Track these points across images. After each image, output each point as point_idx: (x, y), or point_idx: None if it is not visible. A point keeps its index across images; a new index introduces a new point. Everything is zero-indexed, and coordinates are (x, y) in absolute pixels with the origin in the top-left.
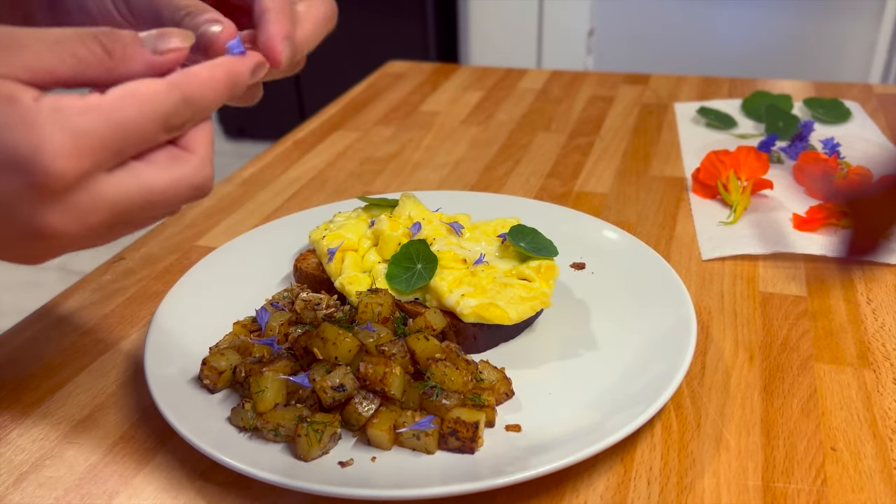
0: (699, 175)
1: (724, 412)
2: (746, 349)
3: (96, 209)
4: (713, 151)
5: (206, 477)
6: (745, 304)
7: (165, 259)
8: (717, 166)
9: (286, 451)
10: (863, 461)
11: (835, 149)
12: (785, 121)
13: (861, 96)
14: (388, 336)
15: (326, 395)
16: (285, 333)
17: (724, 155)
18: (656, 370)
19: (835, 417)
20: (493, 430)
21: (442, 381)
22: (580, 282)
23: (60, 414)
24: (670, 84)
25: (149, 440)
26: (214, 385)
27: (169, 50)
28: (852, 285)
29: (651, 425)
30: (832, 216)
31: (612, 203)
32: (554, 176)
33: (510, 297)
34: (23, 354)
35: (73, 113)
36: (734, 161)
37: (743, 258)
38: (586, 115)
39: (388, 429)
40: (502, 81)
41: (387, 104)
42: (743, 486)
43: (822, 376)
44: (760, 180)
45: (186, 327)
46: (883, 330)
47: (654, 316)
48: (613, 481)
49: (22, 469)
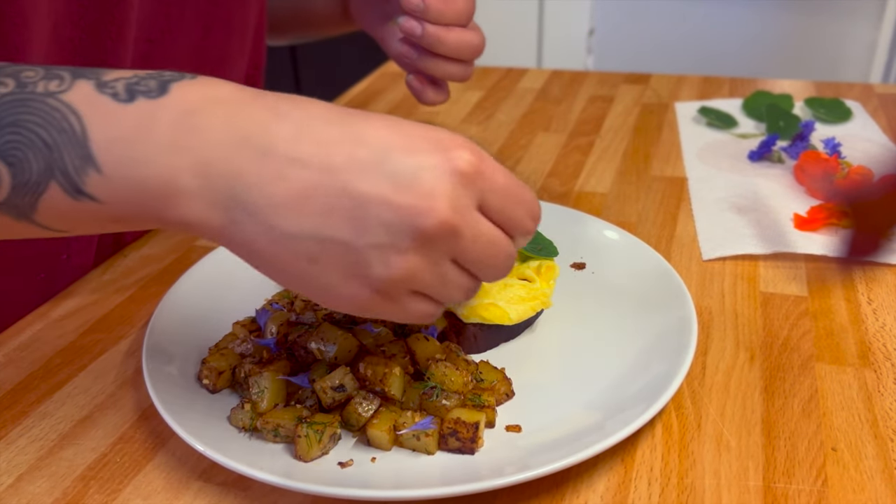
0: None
1: (725, 412)
2: (747, 349)
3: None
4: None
5: (206, 477)
6: (745, 304)
7: (165, 259)
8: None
9: (286, 452)
10: (864, 462)
11: (836, 148)
12: (786, 120)
13: (862, 96)
14: (387, 336)
15: (326, 396)
16: (285, 334)
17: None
18: (657, 370)
19: (836, 418)
20: (493, 430)
21: (442, 382)
22: (580, 282)
23: (60, 414)
24: (671, 84)
25: (148, 440)
26: (214, 385)
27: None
28: (853, 285)
29: (651, 426)
30: (833, 216)
31: (612, 203)
32: (554, 176)
33: (510, 298)
34: (22, 354)
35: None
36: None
37: (743, 258)
38: (587, 114)
39: (388, 429)
40: (502, 81)
41: (387, 104)
42: (744, 486)
43: (823, 377)
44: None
45: (186, 327)
46: (884, 330)
47: (654, 316)
48: (614, 482)
49: (21, 469)
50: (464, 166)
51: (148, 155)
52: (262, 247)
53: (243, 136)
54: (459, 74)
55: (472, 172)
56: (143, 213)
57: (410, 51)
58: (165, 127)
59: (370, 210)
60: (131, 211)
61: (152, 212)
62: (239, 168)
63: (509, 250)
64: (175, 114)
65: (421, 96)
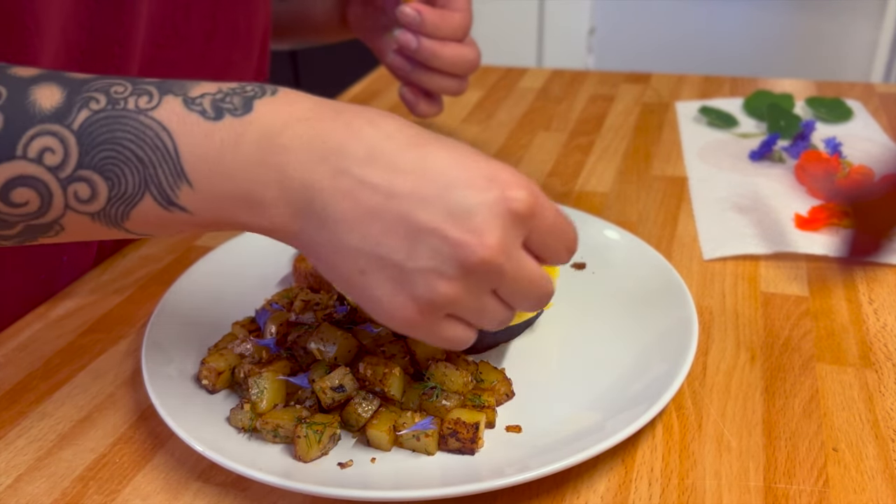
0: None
1: (726, 413)
2: (748, 349)
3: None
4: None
5: (205, 478)
6: (746, 304)
7: (164, 259)
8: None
9: (285, 452)
10: (865, 462)
11: (837, 148)
12: (787, 120)
13: (863, 95)
14: (387, 336)
15: (326, 396)
16: (285, 334)
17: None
18: (657, 370)
19: (836, 418)
20: (493, 430)
21: (442, 382)
22: (580, 282)
23: (59, 414)
24: (671, 83)
25: (147, 441)
26: (213, 385)
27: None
28: (854, 285)
29: (652, 426)
30: (834, 216)
31: (612, 202)
32: (555, 175)
33: None
34: (21, 354)
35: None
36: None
37: (744, 258)
38: (587, 114)
39: (388, 430)
40: (502, 80)
41: (386, 105)
42: (744, 486)
43: (824, 377)
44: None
45: (185, 327)
46: (885, 330)
47: (655, 316)
48: (614, 482)
49: (20, 470)
50: (519, 207)
51: (236, 170)
52: (327, 254)
53: (322, 155)
54: (453, 88)
55: (526, 213)
56: (228, 220)
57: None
58: (250, 145)
59: (424, 237)
60: (217, 218)
61: (237, 219)
62: (317, 183)
63: (548, 287)
64: (259, 132)
65: (414, 108)
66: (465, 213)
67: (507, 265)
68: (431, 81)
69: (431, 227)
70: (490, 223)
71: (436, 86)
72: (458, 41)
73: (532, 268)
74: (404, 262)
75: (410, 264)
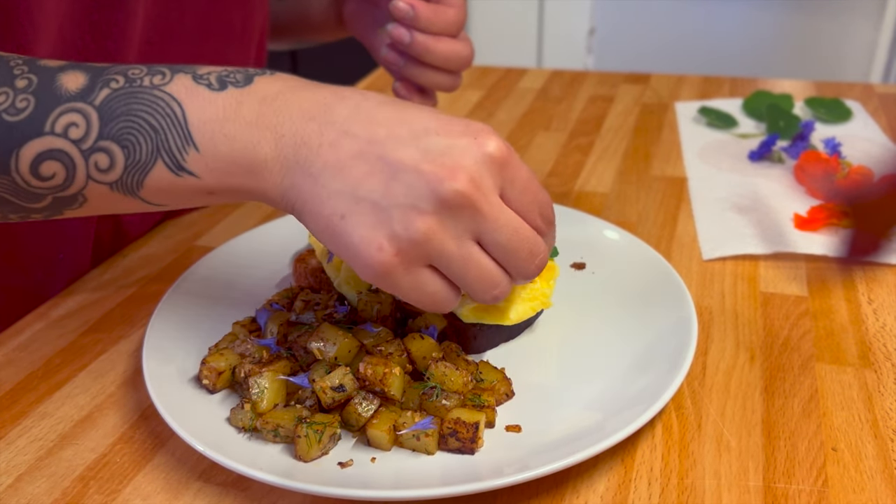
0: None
1: (725, 413)
2: (747, 349)
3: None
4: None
5: (206, 478)
6: (746, 304)
7: (165, 259)
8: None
9: (285, 452)
10: (864, 462)
11: (836, 148)
12: (786, 120)
13: (862, 96)
14: (387, 336)
15: (326, 396)
16: (285, 334)
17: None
18: (657, 370)
19: (836, 418)
20: (493, 430)
21: (442, 382)
22: (580, 282)
23: (59, 414)
24: (671, 83)
25: (148, 441)
26: (214, 385)
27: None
28: (853, 285)
29: (652, 426)
30: (833, 216)
31: (612, 203)
32: (554, 175)
33: (510, 298)
34: (22, 354)
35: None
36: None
37: (744, 258)
38: (587, 114)
39: (388, 429)
40: (502, 81)
41: None
42: (744, 486)
43: (824, 377)
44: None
45: (186, 327)
46: (884, 330)
47: (654, 316)
48: (614, 482)
49: (21, 469)
50: (492, 150)
51: (236, 131)
52: (312, 206)
53: (311, 115)
54: (446, 84)
55: (499, 158)
56: (233, 184)
57: (398, 58)
58: (250, 109)
59: (400, 176)
60: (223, 183)
61: (241, 184)
62: (305, 138)
63: (536, 243)
64: (258, 98)
65: None
66: (440, 151)
67: (482, 204)
68: (424, 77)
69: (407, 165)
70: (463, 160)
71: (429, 81)
72: (452, 37)
73: (513, 217)
74: (381, 199)
75: (387, 201)
